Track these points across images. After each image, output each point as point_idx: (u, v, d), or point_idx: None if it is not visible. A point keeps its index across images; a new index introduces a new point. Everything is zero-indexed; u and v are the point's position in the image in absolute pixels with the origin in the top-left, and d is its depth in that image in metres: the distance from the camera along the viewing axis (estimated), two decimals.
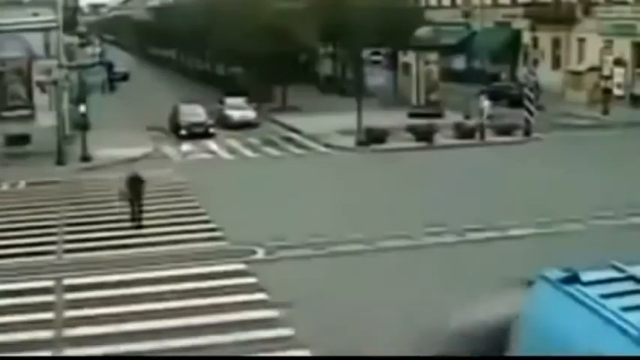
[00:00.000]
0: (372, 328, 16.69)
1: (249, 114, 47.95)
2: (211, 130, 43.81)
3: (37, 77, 38.76)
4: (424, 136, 39.61)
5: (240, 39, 50.24)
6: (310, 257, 21.90)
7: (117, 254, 22.22)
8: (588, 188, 28.73)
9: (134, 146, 39.59)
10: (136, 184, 24.69)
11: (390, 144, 38.95)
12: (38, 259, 22.01)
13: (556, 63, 57.05)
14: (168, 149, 40.37)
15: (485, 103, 42.91)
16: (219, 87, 66.17)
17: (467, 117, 43.64)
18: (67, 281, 20.12)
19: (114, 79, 66.93)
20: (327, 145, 39.85)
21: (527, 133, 40.56)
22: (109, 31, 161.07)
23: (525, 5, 59.33)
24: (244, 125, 46.24)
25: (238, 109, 48.04)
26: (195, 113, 44.62)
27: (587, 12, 53.84)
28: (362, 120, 38.76)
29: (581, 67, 53.17)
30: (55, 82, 37.86)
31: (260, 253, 22.17)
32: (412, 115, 45.26)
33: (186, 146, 40.94)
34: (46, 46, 39.23)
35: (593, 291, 8.51)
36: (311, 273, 20.58)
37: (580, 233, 23.25)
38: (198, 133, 43.09)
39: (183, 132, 43.33)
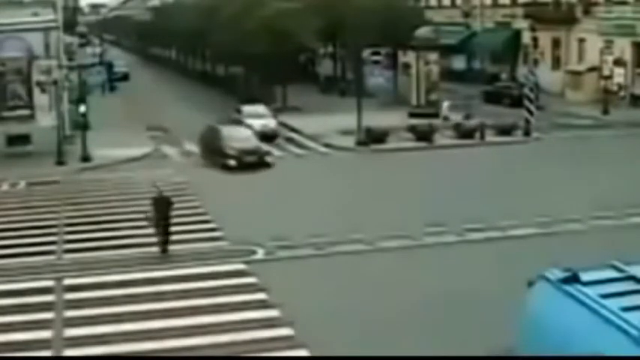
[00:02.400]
0: (371, 327, 16.71)
1: (270, 122, 42.84)
2: (268, 158, 35.23)
3: (37, 77, 38.75)
4: (424, 136, 39.61)
5: (240, 39, 50.21)
6: (310, 257, 21.90)
7: (117, 254, 22.22)
8: (588, 188, 28.71)
9: (134, 146, 39.58)
10: (162, 206, 22.24)
11: (390, 144, 38.94)
12: (38, 259, 22.01)
13: (556, 63, 57.03)
14: (168, 149, 40.34)
15: (445, 105, 43.50)
16: (220, 87, 66.27)
17: (467, 117, 43.65)
18: (67, 281, 20.12)
19: (114, 79, 66.91)
20: (327, 145, 39.83)
21: (527, 133, 40.55)
22: (109, 31, 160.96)
23: (525, 5, 59.30)
24: (266, 137, 39.93)
25: (258, 118, 42.63)
26: (243, 137, 35.93)
27: (587, 12, 53.81)
28: (362, 120, 38.75)
29: (581, 67, 53.15)
30: (55, 82, 37.84)
31: (260, 253, 22.17)
32: (412, 115, 45.25)
33: (186, 145, 40.89)
34: (46, 46, 39.19)
35: (593, 291, 8.51)
36: (311, 273, 20.59)
37: (580, 233, 23.26)
38: (252, 164, 34.30)
39: (231, 162, 34.21)
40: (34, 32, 38.61)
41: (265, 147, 35.97)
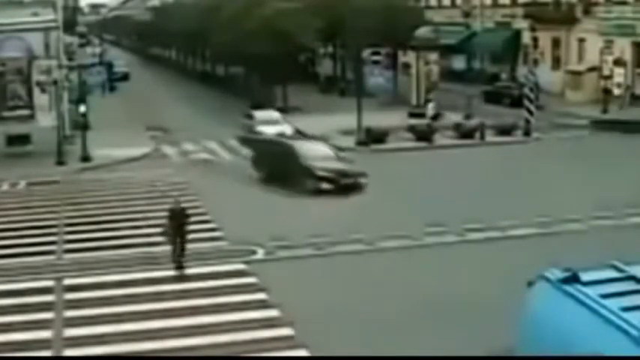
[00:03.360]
0: (371, 327, 16.71)
1: (286, 130, 39.28)
2: (363, 179, 30.00)
3: (37, 77, 38.76)
4: (424, 136, 39.62)
5: (240, 39, 50.20)
6: (310, 257, 21.89)
7: (117, 254, 22.22)
8: (588, 188, 28.71)
9: (134, 146, 39.60)
10: (178, 219, 20.88)
11: (390, 144, 38.94)
12: (38, 259, 22.00)
13: (556, 63, 57.01)
14: (168, 149, 40.33)
15: (430, 105, 43.59)
16: (220, 87, 66.30)
17: (467, 117, 43.68)
18: (67, 281, 20.12)
19: (114, 79, 66.93)
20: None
21: (527, 133, 40.56)
22: (109, 31, 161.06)
23: (525, 5, 59.30)
24: None
25: (272, 125, 39.67)
26: (327, 155, 31.06)
27: (587, 12, 53.80)
28: (362, 120, 38.75)
29: (581, 67, 53.15)
30: (55, 82, 37.85)
31: (260, 253, 22.17)
32: (412, 115, 45.25)
33: (186, 145, 40.89)
34: (46, 46, 39.21)
35: (593, 291, 8.51)
36: (311, 273, 20.59)
37: (580, 233, 23.25)
38: (347, 186, 29.33)
39: (325, 186, 29.33)
40: (34, 32, 38.62)
41: (357, 168, 30.60)
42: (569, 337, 8.33)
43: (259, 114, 42.69)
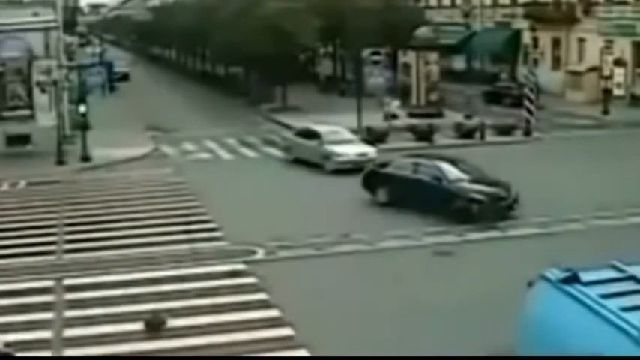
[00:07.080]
0: (371, 327, 16.71)
1: (367, 150, 33.89)
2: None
3: (37, 77, 38.75)
4: (424, 136, 39.62)
5: (240, 39, 50.22)
6: (310, 257, 21.88)
7: (117, 254, 22.21)
8: (588, 188, 28.71)
9: (134, 146, 39.61)
10: None
11: (391, 144, 38.92)
12: (38, 259, 22.00)
13: (556, 63, 57.02)
14: (168, 149, 40.33)
15: (394, 104, 43.72)
16: (220, 87, 66.30)
17: (467, 117, 43.66)
18: (67, 281, 20.12)
19: (114, 79, 66.84)
20: None
21: (527, 133, 40.56)
22: (109, 31, 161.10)
23: (525, 5, 59.32)
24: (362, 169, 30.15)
25: (346, 144, 33.94)
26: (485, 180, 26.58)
27: (587, 12, 53.81)
28: (362, 120, 38.73)
29: (581, 67, 53.15)
30: (55, 82, 37.83)
31: (260, 253, 22.16)
32: (412, 115, 45.24)
33: (186, 145, 40.90)
34: (46, 46, 39.21)
35: (593, 291, 8.53)
36: (311, 273, 20.58)
37: (580, 233, 23.25)
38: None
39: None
40: (34, 32, 38.61)
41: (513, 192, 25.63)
42: (569, 337, 8.34)
43: (325, 130, 35.69)
